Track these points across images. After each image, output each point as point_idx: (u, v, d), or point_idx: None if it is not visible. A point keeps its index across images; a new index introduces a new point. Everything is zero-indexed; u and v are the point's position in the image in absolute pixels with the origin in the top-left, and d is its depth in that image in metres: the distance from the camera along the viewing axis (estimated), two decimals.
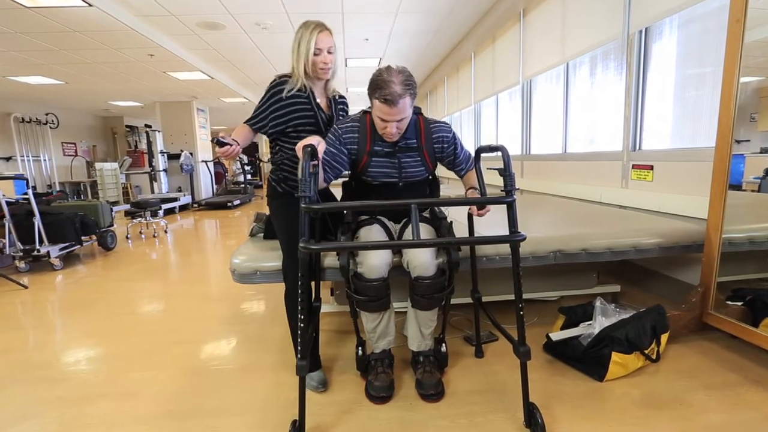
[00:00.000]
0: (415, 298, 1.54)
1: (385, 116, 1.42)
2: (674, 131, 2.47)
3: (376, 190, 1.64)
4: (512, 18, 4.37)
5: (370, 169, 1.58)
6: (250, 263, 1.75)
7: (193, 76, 6.59)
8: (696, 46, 2.28)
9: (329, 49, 1.55)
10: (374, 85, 1.41)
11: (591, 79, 3.24)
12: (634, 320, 1.67)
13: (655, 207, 2.44)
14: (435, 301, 1.54)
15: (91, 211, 4.32)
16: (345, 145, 1.55)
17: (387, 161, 1.58)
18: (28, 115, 8.61)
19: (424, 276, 1.50)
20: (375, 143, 1.56)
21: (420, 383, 1.55)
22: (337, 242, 1.59)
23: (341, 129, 1.56)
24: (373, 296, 1.49)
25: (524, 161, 4.37)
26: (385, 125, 1.45)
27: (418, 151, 1.59)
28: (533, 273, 2.19)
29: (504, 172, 1.29)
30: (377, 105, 1.42)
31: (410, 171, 1.61)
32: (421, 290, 1.51)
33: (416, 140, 1.58)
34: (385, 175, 1.60)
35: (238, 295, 2.85)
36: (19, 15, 3.87)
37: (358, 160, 1.57)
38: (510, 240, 1.27)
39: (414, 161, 1.60)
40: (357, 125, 1.56)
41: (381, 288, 1.49)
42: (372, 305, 1.52)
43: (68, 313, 2.64)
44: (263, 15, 4.44)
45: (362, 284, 1.49)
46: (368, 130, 1.55)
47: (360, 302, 1.52)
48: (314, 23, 1.54)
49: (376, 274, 1.48)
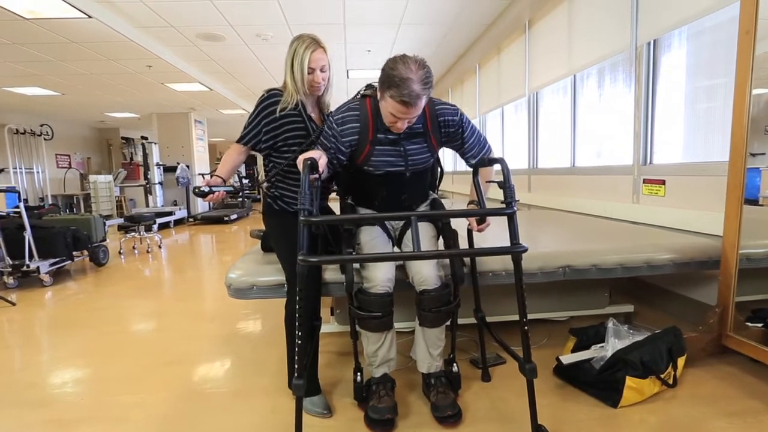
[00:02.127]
0: (422, 314, 1.55)
1: (399, 114, 1.36)
2: (686, 144, 2.48)
3: (378, 181, 1.59)
4: (517, 29, 4.44)
5: (372, 158, 1.52)
6: (246, 278, 1.75)
7: (192, 87, 6.70)
8: (706, 58, 2.31)
9: (322, 68, 1.57)
10: (390, 82, 1.30)
11: (599, 91, 3.27)
12: (648, 343, 1.65)
13: (667, 223, 2.43)
14: (442, 315, 1.55)
15: (84, 226, 4.34)
16: (343, 139, 1.48)
17: (391, 149, 1.52)
18: (23, 127, 8.74)
19: (429, 289, 1.51)
20: (378, 131, 1.49)
21: (435, 406, 1.52)
22: (335, 256, 1.58)
23: (338, 121, 1.49)
24: (377, 312, 1.49)
25: (531, 175, 4.38)
26: (395, 120, 1.40)
27: (424, 137, 1.53)
28: (542, 291, 2.17)
29: (504, 184, 1.31)
30: (391, 103, 1.34)
31: (417, 159, 1.56)
32: (426, 304, 1.52)
33: (422, 125, 1.51)
34: (390, 164, 1.54)
35: (233, 313, 2.83)
36: (18, 26, 3.97)
37: (359, 150, 1.51)
38: (511, 251, 1.27)
39: (420, 148, 1.54)
40: (356, 114, 1.49)
41: (385, 303, 1.49)
42: (375, 323, 1.51)
43: (57, 331, 2.63)
44: (264, 27, 4.54)
45: (367, 299, 1.49)
46: (369, 117, 1.48)
47: (363, 319, 1.52)
48: (308, 40, 1.55)
49: (381, 286, 1.49)
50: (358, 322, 1.56)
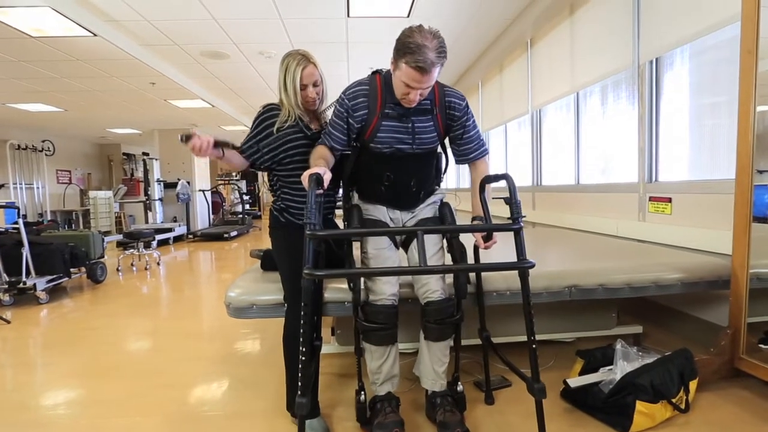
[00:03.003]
0: (427, 327, 1.57)
1: (413, 83, 1.36)
2: (692, 162, 2.49)
3: (384, 162, 1.58)
4: (519, 47, 4.52)
5: (379, 134, 1.53)
6: (246, 296, 1.74)
7: (194, 104, 6.81)
8: (709, 76, 2.34)
9: (315, 83, 1.61)
10: (405, 48, 1.32)
11: (602, 108, 3.31)
12: (659, 365, 1.62)
13: (675, 241, 2.42)
14: (446, 328, 1.57)
15: (82, 242, 4.35)
16: (354, 113, 1.51)
17: (399, 125, 1.53)
18: (24, 142, 8.85)
19: (433, 300, 1.55)
20: (386, 105, 1.50)
21: (443, 424, 1.49)
22: (341, 270, 1.59)
23: (349, 96, 1.52)
24: (383, 323, 1.52)
25: (535, 192, 4.39)
26: (408, 91, 1.40)
27: (432, 115, 1.54)
28: (548, 312, 2.15)
29: (510, 200, 1.33)
30: (405, 70, 1.35)
31: (424, 137, 1.56)
32: (431, 315, 1.55)
33: (430, 103, 1.52)
34: (397, 140, 1.54)
35: (232, 333, 2.81)
36: (24, 44, 4.06)
37: (367, 124, 1.52)
38: (518, 267, 1.28)
39: (427, 126, 1.55)
40: (366, 88, 1.52)
41: (391, 315, 1.54)
42: (380, 335, 1.54)
43: (51, 350, 2.61)
44: (267, 44, 4.63)
45: (373, 309, 1.53)
46: (378, 92, 1.51)
47: (368, 331, 1.54)
48: (298, 56, 1.58)
49: (387, 298, 1.53)
50: (363, 336, 1.58)
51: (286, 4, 3.71)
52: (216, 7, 3.72)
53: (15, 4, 3.23)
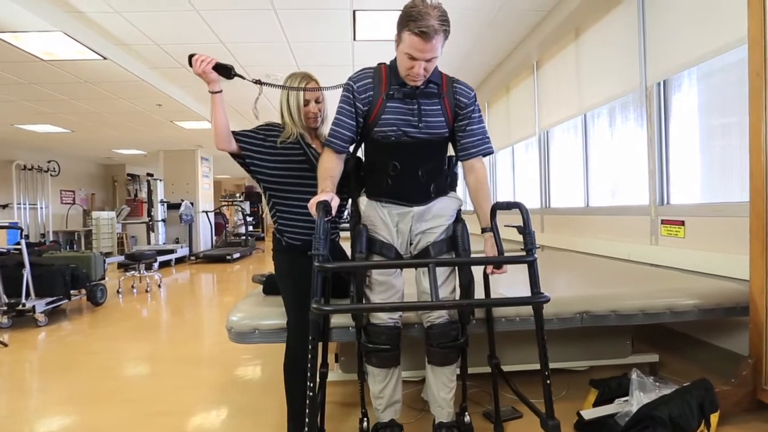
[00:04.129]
0: (431, 351, 1.57)
1: (416, 52, 1.35)
2: (704, 184, 2.49)
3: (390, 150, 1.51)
4: (525, 69, 4.60)
5: (384, 115, 1.48)
6: (248, 321, 1.73)
7: (200, 125, 6.95)
8: (718, 97, 2.36)
9: (317, 99, 1.68)
10: (407, 17, 1.33)
11: (611, 130, 3.33)
12: (677, 397, 1.57)
13: (689, 266, 2.39)
14: (450, 352, 1.56)
15: (83, 263, 4.37)
16: (360, 96, 1.48)
17: (405, 108, 1.49)
18: (30, 163, 9.03)
19: (435, 323, 1.55)
20: (391, 87, 1.48)
21: None
22: (351, 304, 1.56)
23: (354, 78, 1.52)
24: (386, 344, 1.52)
25: (544, 215, 4.38)
26: (412, 65, 1.38)
27: (439, 98, 1.51)
28: (559, 338, 2.11)
29: (524, 230, 1.31)
30: (408, 39, 1.34)
31: (431, 121, 1.50)
32: (434, 339, 1.55)
33: (437, 88, 1.50)
34: (403, 122, 1.48)
35: (233, 358, 2.78)
36: (35, 67, 4.20)
37: (372, 107, 1.49)
38: (533, 302, 1.26)
39: (434, 109, 1.51)
40: (371, 71, 1.53)
41: (393, 336, 1.54)
42: (383, 356, 1.54)
43: (47, 375, 2.59)
44: (274, 67, 4.75)
45: (376, 330, 1.53)
46: (383, 75, 1.51)
47: (371, 352, 1.54)
48: (300, 75, 1.67)
49: (390, 319, 1.53)
50: (365, 358, 1.58)
51: (294, 29, 3.82)
52: (225, 32, 3.84)
53: (28, 28, 3.35)
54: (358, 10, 3.50)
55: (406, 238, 1.59)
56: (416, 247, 1.60)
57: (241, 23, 3.68)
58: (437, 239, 1.58)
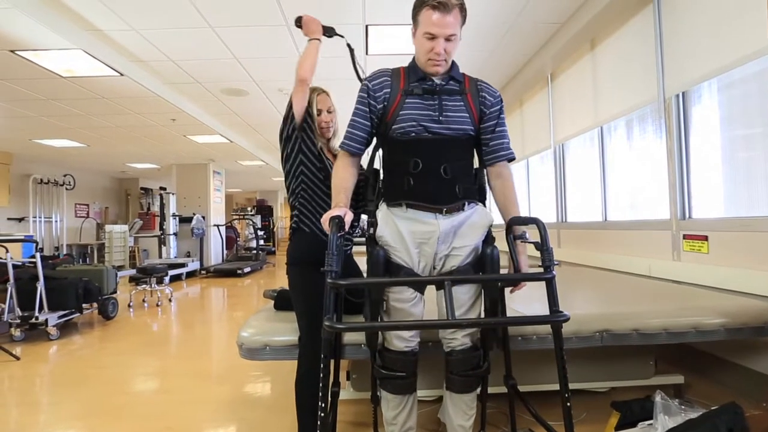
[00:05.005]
0: (450, 378, 1.52)
1: (435, 28, 1.32)
2: (727, 197, 2.44)
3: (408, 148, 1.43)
4: (540, 82, 4.61)
5: (402, 111, 1.42)
6: (259, 337, 1.73)
7: (213, 139, 7.09)
8: (740, 108, 2.33)
9: (329, 109, 1.75)
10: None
11: (628, 142, 3.30)
12: (705, 421, 1.52)
13: (714, 282, 2.33)
14: (471, 380, 1.50)
15: (96, 277, 4.45)
16: (376, 94, 1.45)
17: (424, 103, 1.42)
18: (47, 177, 9.29)
19: (457, 349, 1.48)
20: (410, 84, 1.44)
21: None
22: (364, 323, 1.53)
23: (370, 77, 1.48)
24: (401, 372, 1.47)
25: (561, 230, 4.33)
26: (432, 45, 1.34)
27: (462, 96, 1.45)
28: (578, 358, 2.06)
29: (541, 246, 1.29)
30: (425, 16, 1.33)
31: (453, 116, 1.43)
32: (454, 367, 1.49)
33: (459, 86, 1.46)
34: (424, 117, 1.41)
35: (242, 375, 2.77)
36: (54, 83, 4.35)
37: (389, 105, 1.44)
38: (551, 321, 1.23)
39: (457, 106, 1.44)
40: (388, 70, 1.49)
41: (410, 363, 1.48)
42: (398, 383, 1.49)
43: (58, 390, 2.61)
44: (286, 82, 4.84)
45: (391, 356, 1.48)
46: (402, 73, 1.47)
47: (385, 379, 1.49)
48: (311, 88, 1.73)
49: (406, 344, 1.47)
50: (379, 383, 1.53)
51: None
52: (239, 48, 3.94)
53: (49, 47, 3.49)
54: (371, 25, 3.57)
55: (429, 261, 1.48)
56: (440, 272, 1.49)
57: (254, 39, 3.78)
58: (462, 263, 1.46)
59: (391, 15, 3.40)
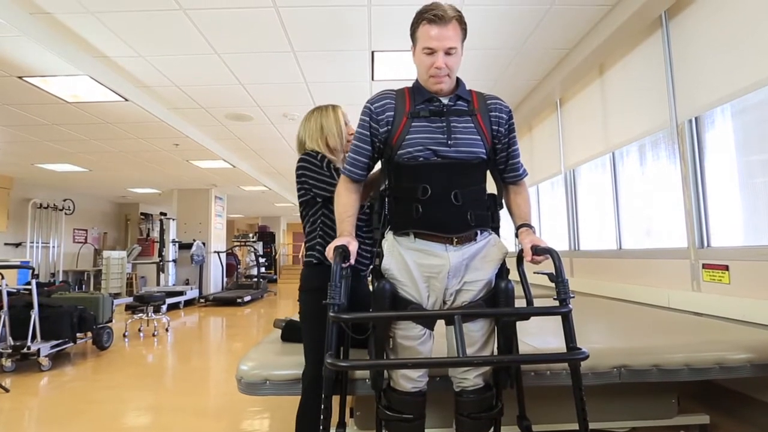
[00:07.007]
0: (460, 420, 1.46)
1: (433, 42, 1.31)
2: (747, 224, 2.42)
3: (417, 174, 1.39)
4: (548, 107, 4.68)
5: (409, 135, 1.38)
6: (259, 371, 1.71)
7: (216, 164, 7.20)
8: (756, 133, 2.33)
9: (346, 122, 1.85)
10: (417, 15, 1.35)
11: (642, 168, 3.31)
12: None
13: (737, 315, 2.28)
14: (482, 423, 1.45)
15: (92, 305, 4.44)
16: (378, 117, 1.42)
17: (431, 125, 1.39)
18: (47, 201, 9.42)
19: (469, 389, 1.44)
20: (415, 106, 1.41)
21: None
22: (369, 360, 1.48)
23: (371, 100, 1.45)
24: (408, 414, 1.42)
25: (573, 258, 4.29)
26: (432, 60, 1.33)
27: (471, 116, 1.42)
28: (595, 395, 2.00)
29: (556, 278, 1.26)
30: (423, 32, 1.33)
31: (463, 139, 1.39)
32: (465, 408, 1.44)
33: (467, 105, 1.43)
34: (431, 140, 1.38)
35: (241, 410, 2.72)
36: (60, 108, 4.48)
37: (394, 129, 1.41)
38: (569, 359, 1.20)
39: (467, 127, 1.40)
40: (392, 92, 1.46)
41: (418, 404, 1.44)
42: (405, 426, 1.43)
43: (47, 425, 2.57)
44: (291, 107, 4.96)
45: (398, 397, 1.43)
46: (407, 94, 1.45)
47: (391, 421, 1.44)
48: (327, 105, 1.84)
49: (414, 384, 1.42)
50: (385, 425, 1.48)
51: (313, 71, 4.02)
52: (244, 74, 4.06)
53: (56, 73, 3.61)
54: (377, 51, 3.67)
55: (440, 296, 1.43)
56: (450, 308, 1.44)
57: (260, 65, 3.89)
58: (475, 298, 1.42)
59: (397, 41, 3.50)
